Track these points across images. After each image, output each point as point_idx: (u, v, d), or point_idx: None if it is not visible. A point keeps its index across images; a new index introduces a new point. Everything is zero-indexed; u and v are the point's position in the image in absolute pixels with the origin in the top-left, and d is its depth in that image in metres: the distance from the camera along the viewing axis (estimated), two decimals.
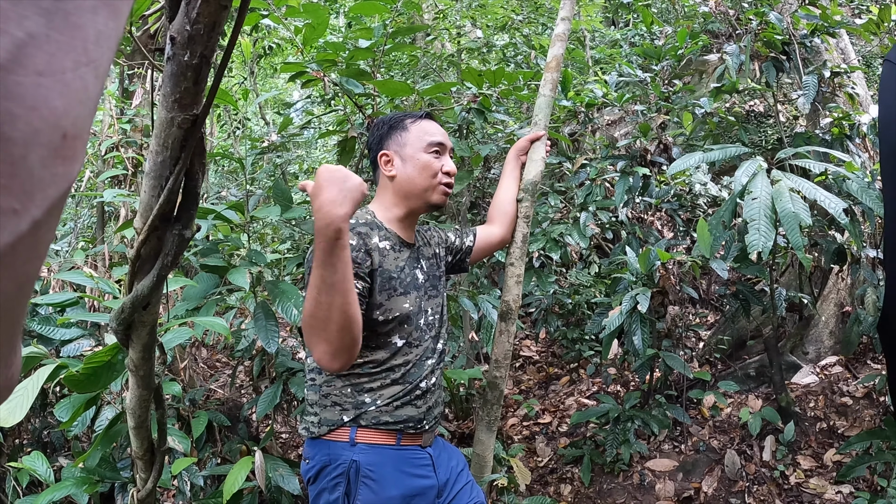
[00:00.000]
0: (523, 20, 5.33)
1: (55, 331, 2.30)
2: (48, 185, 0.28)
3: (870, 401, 3.34)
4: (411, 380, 1.62)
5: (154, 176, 0.70)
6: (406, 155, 1.68)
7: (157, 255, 0.78)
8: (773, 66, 3.38)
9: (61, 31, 0.28)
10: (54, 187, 0.29)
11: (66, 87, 0.28)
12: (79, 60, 0.29)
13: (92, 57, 0.29)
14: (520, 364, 4.95)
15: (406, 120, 1.73)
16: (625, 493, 3.22)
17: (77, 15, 0.29)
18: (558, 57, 2.35)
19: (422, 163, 1.67)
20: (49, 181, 0.28)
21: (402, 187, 1.68)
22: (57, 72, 0.28)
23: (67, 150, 0.29)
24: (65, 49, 0.28)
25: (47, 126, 0.27)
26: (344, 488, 1.54)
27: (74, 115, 0.29)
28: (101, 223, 4.01)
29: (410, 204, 1.69)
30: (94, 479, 2.12)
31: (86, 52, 0.29)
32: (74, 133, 0.29)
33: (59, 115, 0.28)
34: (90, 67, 0.29)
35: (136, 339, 1.01)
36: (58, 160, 0.28)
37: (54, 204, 0.29)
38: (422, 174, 1.66)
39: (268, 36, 5.76)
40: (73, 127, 0.29)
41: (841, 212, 2.29)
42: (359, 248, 1.53)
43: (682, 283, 3.23)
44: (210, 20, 0.56)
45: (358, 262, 1.52)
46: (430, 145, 1.68)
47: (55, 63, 0.27)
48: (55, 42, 0.28)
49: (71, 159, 0.29)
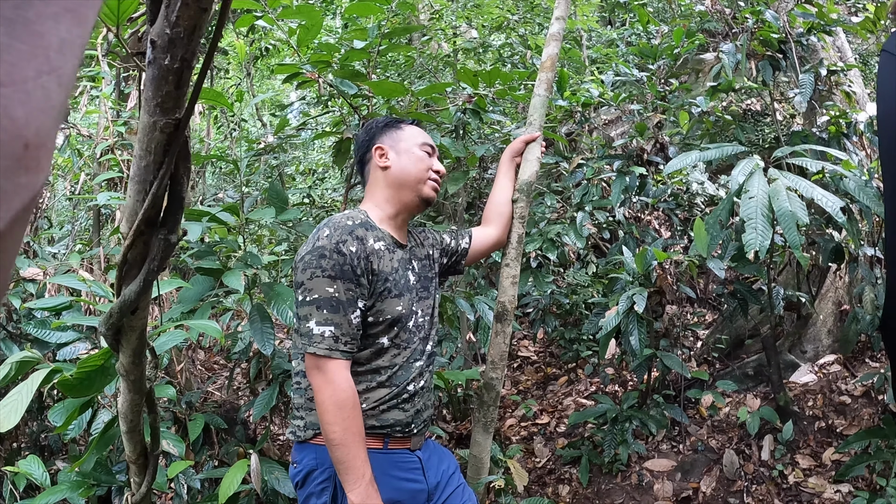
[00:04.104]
0: (519, 20, 5.33)
1: (51, 334, 2.29)
2: (11, 197, 0.28)
3: (868, 399, 3.33)
4: (398, 382, 1.61)
5: (138, 181, 0.69)
6: (401, 148, 1.74)
7: (143, 260, 0.77)
8: (769, 65, 3.38)
9: (22, 39, 0.27)
10: (18, 198, 0.28)
11: (28, 97, 0.28)
12: (41, 69, 0.28)
13: (55, 65, 0.29)
14: (517, 364, 4.95)
15: (400, 122, 1.81)
16: (623, 493, 3.21)
17: (39, 23, 0.28)
18: (553, 56, 2.34)
19: (416, 155, 1.74)
20: (12, 192, 0.28)
21: (396, 178, 1.71)
22: (18, 81, 0.27)
23: (30, 161, 0.28)
24: (26, 58, 0.28)
25: (8, 136, 0.27)
26: (331, 493, 1.54)
27: (37, 124, 0.28)
28: (97, 226, 4.00)
29: (403, 197, 1.70)
30: (89, 482, 2.11)
31: (48, 60, 0.29)
32: (37, 143, 0.28)
33: (21, 125, 0.27)
34: (53, 76, 0.29)
35: (126, 344, 1.01)
36: (20, 171, 0.28)
37: (18, 215, 0.28)
38: (416, 165, 1.72)
39: (264, 38, 5.75)
40: (35, 137, 0.28)
41: (838, 210, 2.28)
42: (359, 256, 1.53)
43: (679, 283, 3.23)
44: (190, 24, 0.55)
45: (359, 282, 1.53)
46: (423, 144, 1.76)
47: (16, 72, 0.27)
48: (16, 51, 0.27)
49: (35, 170, 0.29)
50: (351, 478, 1.44)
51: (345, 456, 1.44)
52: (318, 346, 1.47)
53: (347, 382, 1.49)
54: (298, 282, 1.53)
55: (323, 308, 1.49)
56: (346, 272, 1.50)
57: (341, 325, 1.49)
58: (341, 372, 1.49)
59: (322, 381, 1.47)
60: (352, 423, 1.46)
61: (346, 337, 1.50)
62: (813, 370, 3.69)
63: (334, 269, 1.49)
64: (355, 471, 1.44)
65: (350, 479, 1.44)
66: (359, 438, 1.46)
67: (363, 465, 1.46)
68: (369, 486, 1.45)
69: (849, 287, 3.83)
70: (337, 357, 1.48)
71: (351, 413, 1.46)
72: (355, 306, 1.52)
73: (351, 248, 1.52)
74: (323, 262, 1.50)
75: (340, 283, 1.50)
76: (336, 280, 1.49)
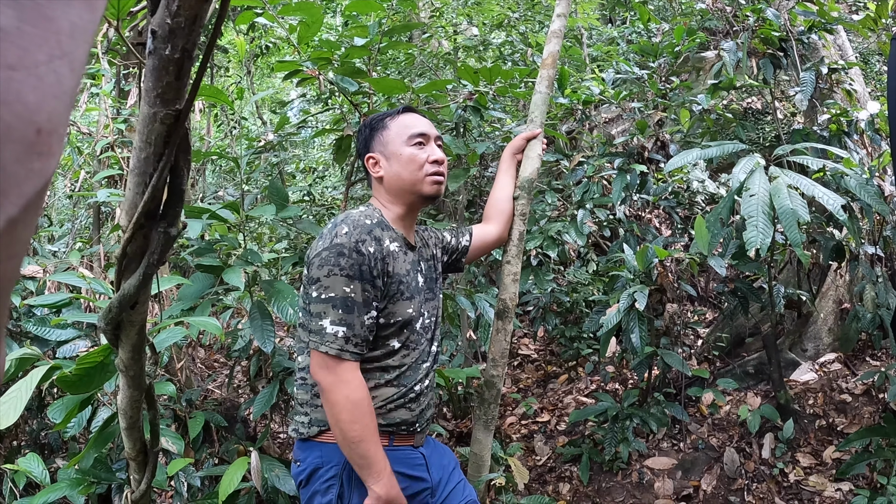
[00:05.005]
0: (520, 18, 5.32)
1: (51, 332, 2.29)
2: (24, 182, 0.28)
3: (869, 397, 3.33)
4: (406, 383, 1.60)
5: (138, 173, 0.68)
6: (390, 153, 1.66)
7: (143, 253, 0.77)
8: (770, 63, 3.37)
9: (33, 23, 0.27)
10: (30, 184, 0.28)
11: (40, 81, 0.27)
12: (52, 53, 0.28)
13: (66, 50, 0.29)
14: (518, 362, 4.94)
15: (385, 119, 1.70)
16: (624, 491, 3.21)
17: (50, 7, 0.28)
18: (554, 53, 2.33)
19: (405, 157, 1.64)
20: (24, 177, 0.28)
21: (392, 186, 1.66)
22: (30, 66, 0.27)
23: (43, 146, 0.28)
24: (37, 42, 0.27)
25: (20, 121, 0.27)
26: (337, 490, 1.53)
27: (49, 109, 0.28)
28: (98, 224, 3.99)
29: (405, 200, 1.67)
30: (89, 480, 2.11)
31: (59, 44, 0.28)
32: (49, 128, 0.28)
33: (33, 109, 0.27)
34: (65, 60, 0.29)
35: (125, 339, 1.00)
36: (33, 156, 0.28)
37: (31, 201, 0.28)
38: (407, 168, 1.64)
39: (264, 35, 5.75)
40: (47, 122, 0.28)
41: (839, 208, 2.28)
42: (376, 258, 1.51)
43: (680, 281, 3.22)
44: (191, 13, 0.55)
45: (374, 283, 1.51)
46: (411, 137, 1.65)
47: (28, 57, 0.27)
48: (27, 35, 0.27)
49: (47, 155, 0.29)
50: (374, 472, 1.46)
51: (366, 452, 1.45)
52: (330, 346, 1.46)
53: (360, 381, 1.49)
54: (314, 277, 1.50)
55: (338, 307, 1.47)
56: (364, 273, 1.48)
57: (354, 326, 1.47)
58: (353, 372, 1.48)
59: (334, 381, 1.47)
60: (369, 420, 1.47)
61: (356, 338, 1.48)
62: (814, 368, 3.68)
63: (352, 269, 1.47)
64: (377, 464, 1.46)
65: (373, 474, 1.46)
66: (376, 434, 1.48)
67: (383, 458, 1.48)
68: (391, 478, 1.48)
69: (849, 285, 3.82)
70: (347, 358, 1.47)
71: (367, 410, 1.47)
72: (370, 307, 1.50)
73: (370, 248, 1.50)
74: (342, 261, 1.47)
75: (357, 284, 1.48)
76: (353, 280, 1.47)
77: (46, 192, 0.30)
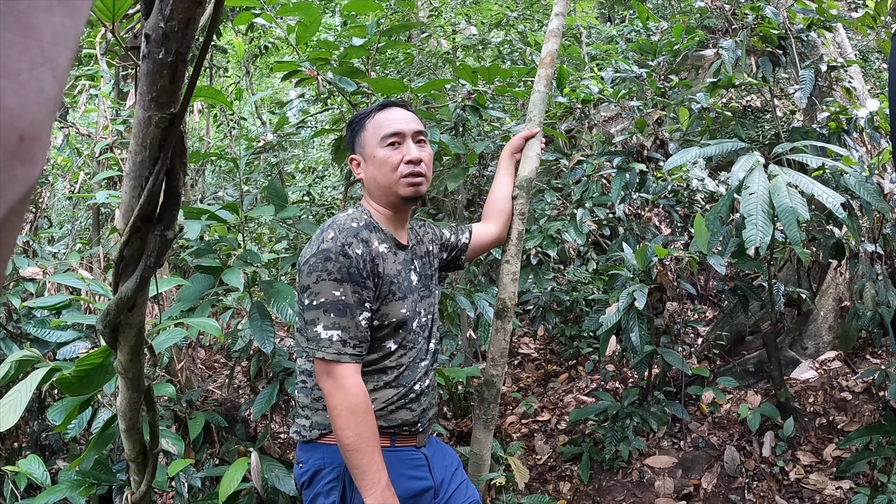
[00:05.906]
0: (518, 17, 5.32)
1: (51, 333, 2.29)
2: (7, 189, 0.28)
3: (869, 396, 3.33)
4: (405, 383, 1.60)
5: (134, 176, 0.69)
6: (367, 155, 1.64)
7: (140, 256, 0.77)
8: (769, 61, 3.37)
9: (15, 31, 0.27)
10: (14, 190, 0.28)
11: (22, 89, 0.28)
12: (34, 61, 0.28)
13: (48, 57, 0.29)
14: (518, 362, 4.95)
15: (364, 119, 1.67)
16: (624, 490, 3.21)
17: (31, 14, 0.28)
18: (552, 52, 2.33)
19: (378, 160, 1.61)
20: (8, 184, 0.28)
21: (371, 188, 1.65)
22: (11, 73, 0.27)
23: (26, 152, 0.28)
24: (20, 50, 0.28)
25: (3, 128, 0.27)
26: (339, 492, 1.53)
27: (31, 116, 0.28)
28: (97, 225, 3.99)
29: (386, 201, 1.65)
30: (89, 481, 2.11)
31: (42, 52, 0.29)
32: (32, 135, 0.28)
33: (16, 116, 0.27)
34: (47, 68, 0.29)
35: (124, 342, 1.01)
36: (15, 162, 0.28)
37: (15, 207, 0.28)
38: (381, 171, 1.60)
39: (263, 36, 5.74)
40: (30, 129, 0.28)
41: (839, 206, 2.27)
42: (364, 259, 1.50)
43: (679, 279, 3.22)
44: (184, 17, 0.55)
45: (365, 284, 1.50)
46: (383, 139, 1.60)
47: (9, 64, 0.27)
48: (9, 42, 0.27)
49: (30, 161, 0.29)
50: (367, 482, 1.43)
51: (359, 461, 1.43)
52: (327, 351, 1.46)
53: (359, 387, 1.47)
54: (304, 285, 1.51)
55: (330, 312, 1.46)
56: (353, 275, 1.48)
57: (349, 329, 1.47)
58: (351, 376, 1.47)
59: (333, 387, 1.46)
60: (365, 427, 1.44)
61: (354, 340, 1.48)
62: (814, 367, 3.68)
63: (340, 272, 1.47)
64: (371, 475, 1.43)
65: (366, 484, 1.43)
66: (373, 442, 1.45)
67: (379, 469, 1.44)
68: (386, 490, 1.43)
69: (849, 283, 3.82)
70: (346, 361, 1.47)
71: (364, 417, 1.45)
72: (363, 308, 1.50)
73: (357, 250, 1.50)
74: (329, 266, 1.47)
75: (347, 286, 1.47)
76: (343, 283, 1.47)
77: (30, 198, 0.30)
